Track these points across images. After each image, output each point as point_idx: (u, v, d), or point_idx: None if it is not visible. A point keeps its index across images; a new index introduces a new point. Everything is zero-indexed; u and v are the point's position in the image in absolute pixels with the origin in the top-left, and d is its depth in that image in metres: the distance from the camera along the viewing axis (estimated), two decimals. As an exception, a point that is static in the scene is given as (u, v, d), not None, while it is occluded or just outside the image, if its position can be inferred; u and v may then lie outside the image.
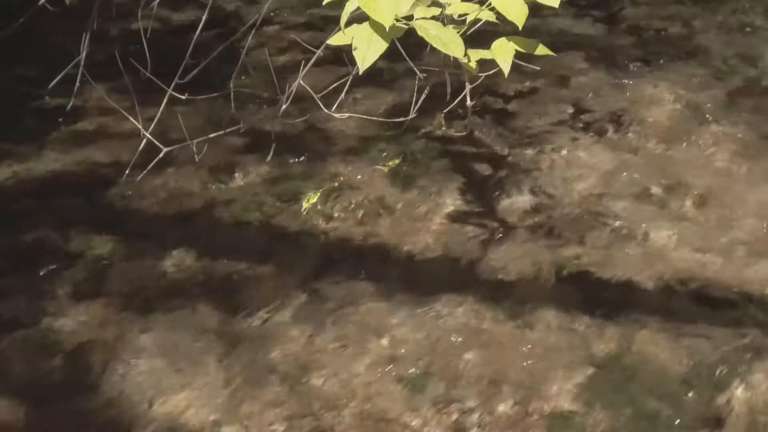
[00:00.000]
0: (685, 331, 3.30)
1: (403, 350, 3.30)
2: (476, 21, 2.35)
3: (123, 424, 3.07)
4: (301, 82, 3.34)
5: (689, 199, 4.01)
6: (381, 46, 2.17)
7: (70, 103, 4.46)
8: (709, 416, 2.99)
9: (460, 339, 3.33)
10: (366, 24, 2.19)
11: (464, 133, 4.50)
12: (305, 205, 4.07)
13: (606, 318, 3.38)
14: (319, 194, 4.13)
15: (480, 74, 2.51)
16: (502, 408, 3.05)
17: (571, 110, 4.78)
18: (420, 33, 2.21)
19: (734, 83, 4.94)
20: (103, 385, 3.21)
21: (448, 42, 2.22)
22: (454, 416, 3.03)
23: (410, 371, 3.21)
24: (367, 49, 2.16)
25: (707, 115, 4.63)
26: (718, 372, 3.14)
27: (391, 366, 3.24)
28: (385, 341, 3.34)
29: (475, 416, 3.03)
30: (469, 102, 2.74)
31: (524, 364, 3.21)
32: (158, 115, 3.63)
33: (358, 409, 3.08)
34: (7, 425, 3.08)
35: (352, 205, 4.08)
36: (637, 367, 3.18)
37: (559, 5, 2.35)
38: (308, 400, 3.13)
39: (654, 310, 3.41)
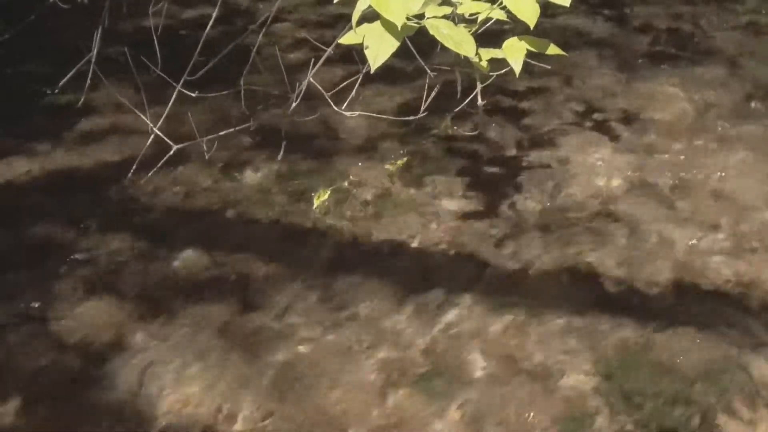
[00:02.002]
0: (697, 330, 3.29)
1: (412, 348, 3.30)
2: (487, 20, 2.34)
3: (133, 421, 3.07)
4: (312, 80, 3.35)
5: (701, 198, 4.00)
6: (393, 44, 2.17)
7: (82, 100, 4.48)
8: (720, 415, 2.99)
9: (470, 337, 3.33)
10: (377, 23, 2.19)
11: (474, 132, 4.50)
12: (315, 202, 4.07)
13: (618, 318, 3.37)
14: (329, 192, 4.13)
15: (491, 73, 2.51)
16: (514, 408, 3.05)
17: (581, 109, 4.77)
18: (431, 32, 2.21)
19: (746, 83, 4.93)
20: (113, 382, 3.21)
21: (459, 41, 2.21)
22: (460, 415, 3.04)
23: (420, 370, 3.21)
24: (378, 47, 2.16)
25: (719, 115, 4.62)
26: (728, 371, 3.13)
27: (400, 363, 3.24)
28: (394, 339, 3.34)
29: (486, 415, 3.03)
30: (479, 101, 2.73)
31: (534, 363, 3.21)
32: (167, 111, 3.63)
33: (369, 407, 3.08)
34: (14, 421, 3.09)
35: (363, 203, 4.08)
36: (648, 366, 3.17)
37: (570, 4, 2.34)
38: (316, 399, 3.13)
39: (666, 310, 3.41)
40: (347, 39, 2.28)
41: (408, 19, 2.17)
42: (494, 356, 3.25)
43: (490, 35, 2.41)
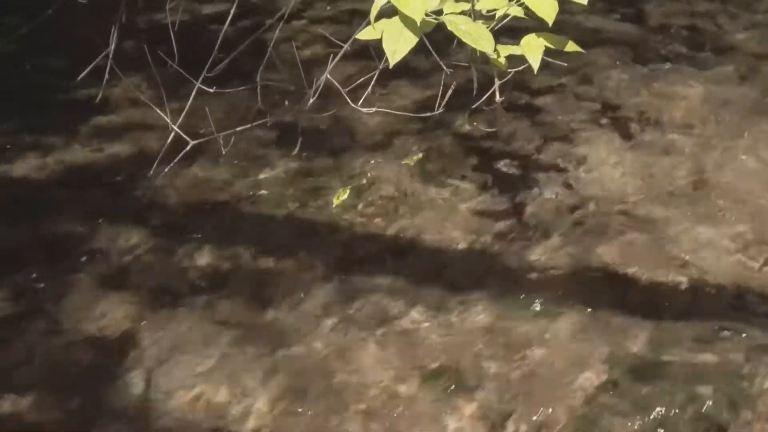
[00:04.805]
0: (714, 331, 3.28)
1: (425, 346, 3.30)
2: (505, 16, 2.34)
3: (146, 417, 3.08)
4: (328, 76, 3.36)
5: (719, 198, 3.98)
6: (411, 40, 2.18)
7: (99, 95, 4.50)
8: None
9: (483, 335, 3.33)
10: (396, 18, 2.19)
11: (492, 129, 4.50)
12: (335, 201, 4.06)
13: (634, 318, 3.36)
14: (349, 190, 4.12)
15: (509, 70, 2.51)
16: (526, 408, 3.05)
17: (599, 107, 4.75)
18: (450, 28, 2.21)
19: (765, 81, 4.89)
20: (128, 377, 3.23)
21: (478, 37, 2.22)
22: (475, 414, 3.03)
23: (432, 368, 3.21)
24: (397, 43, 2.16)
25: (737, 114, 4.60)
26: (745, 372, 3.12)
27: (413, 362, 3.24)
28: (407, 337, 3.34)
29: (494, 415, 3.03)
30: (497, 98, 2.73)
31: (549, 364, 3.20)
32: (186, 108, 3.64)
33: (380, 402, 3.08)
34: (29, 417, 3.10)
35: (379, 200, 4.08)
36: (664, 368, 3.16)
37: (588, 2, 2.34)
38: (330, 395, 3.13)
39: (683, 311, 3.39)
40: (365, 34, 2.29)
41: (426, 14, 2.17)
42: (506, 354, 3.25)
43: (507, 32, 2.41)
